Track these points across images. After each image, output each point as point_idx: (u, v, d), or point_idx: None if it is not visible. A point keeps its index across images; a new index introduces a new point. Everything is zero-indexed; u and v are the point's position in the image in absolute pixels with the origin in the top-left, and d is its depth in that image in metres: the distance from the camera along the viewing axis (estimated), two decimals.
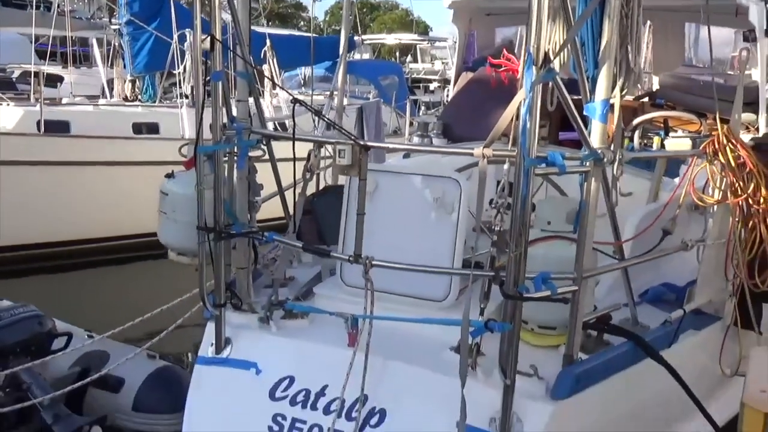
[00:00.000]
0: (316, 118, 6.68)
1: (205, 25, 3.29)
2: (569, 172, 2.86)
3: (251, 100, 3.87)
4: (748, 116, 7.04)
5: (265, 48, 13.08)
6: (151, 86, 13.21)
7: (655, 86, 8.06)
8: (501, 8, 7.81)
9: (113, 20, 14.75)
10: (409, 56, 35.87)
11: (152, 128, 11.74)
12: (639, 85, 3.87)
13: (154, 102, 12.94)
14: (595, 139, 2.99)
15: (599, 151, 2.95)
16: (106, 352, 5.17)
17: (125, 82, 13.29)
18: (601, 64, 2.95)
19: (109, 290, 9.09)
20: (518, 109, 2.71)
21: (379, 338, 3.24)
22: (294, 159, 3.33)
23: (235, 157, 3.61)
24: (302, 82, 16.84)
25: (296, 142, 3.45)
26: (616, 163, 3.05)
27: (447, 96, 14.53)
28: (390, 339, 3.34)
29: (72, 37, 15.26)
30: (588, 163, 2.94)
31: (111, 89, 13.68)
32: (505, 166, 3.44)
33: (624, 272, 3.61)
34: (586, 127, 2.99)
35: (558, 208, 3.45)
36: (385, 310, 3.39)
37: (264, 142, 3.61)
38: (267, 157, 3.93)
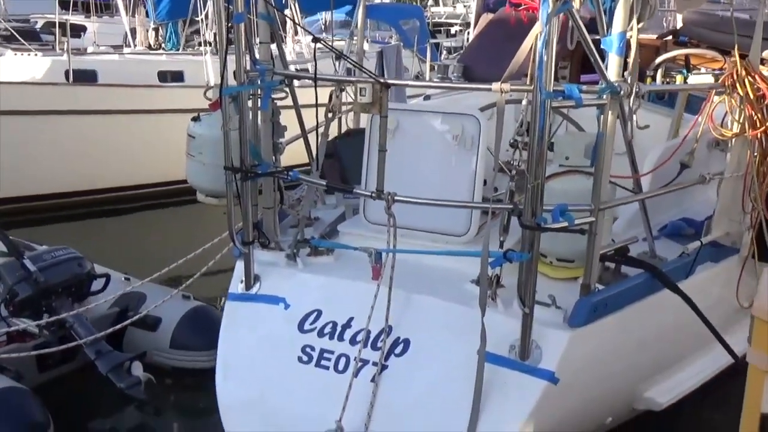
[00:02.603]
0: (337, 62, 6.73)
1: None
2: (586, 104, 2.92)
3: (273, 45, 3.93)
4: None
5: None
6: (174, 34, 13.27)
7: (679, 24, 7.95)
8: None
9: None
10: (431, 0, 35.28)
11: (177, 76, 11.84)
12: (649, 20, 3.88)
13: (178, 50, 13.00)
14: (612, 72, 3.03)
15: (616, 84, 2.99)
16: (142, 293, 5.38)
17: (148, 30, 13.35)
18: None
19: (141, 236, 9.32)
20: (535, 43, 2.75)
21: (402, 272, 3.36)
22: (317, 103, 3.40)
23: (259, 99, 3.70)
24: (323, 27, 16.74)
25: (318, 87, 3.53)
26: (632, 96, 3.08)
27: (468, 39, 14.35)
28: (412, 272, 3.46)
29: None
30: (605, 96, 2.99)
31: (134, 38, 13.76)
32: (523, 103, 3.50)
33: (642, 205, 3.68)
34: (603, 62, 3.03)
35: (576, 143, 3.51)
36: (408, 245, 3.51)
37: (286, 83, 3.69)
38: (290, 101, 4.02)
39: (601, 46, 3.08)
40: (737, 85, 3.63)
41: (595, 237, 3.14)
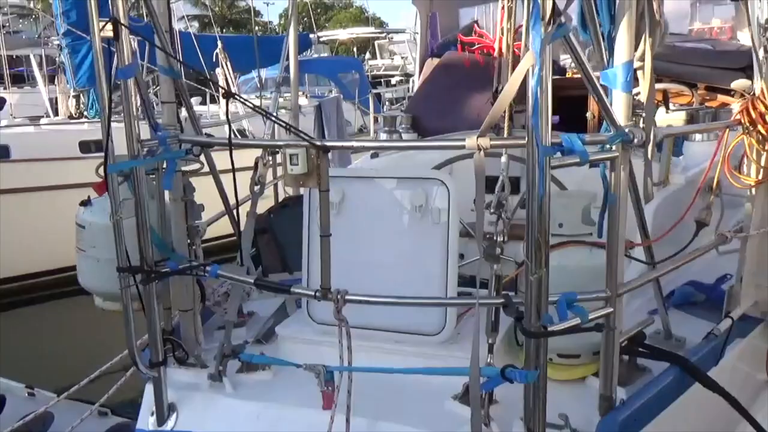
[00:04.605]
0: (269, 122, 5.91)
1: (104, 5, 2.53)
2: (594, 160, 2.17)
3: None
4: (742, 82, 6.47)
5: (217, 50, 12.33)
6: (97, 101, 12.35)
7: None
8: None
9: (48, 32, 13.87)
10: (368, 53, 35.28)
11: (101, 146, 10.88)
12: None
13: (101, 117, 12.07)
14: (620, 115, 2.31)
15: (627, 131, 2.26)
16: (49, 413, 4.42)
17: (69, 98, 12.43)
18: (620, 14, 2.25)
19: (56, 333, 8.23)
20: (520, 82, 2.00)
21: (361, 389, 2.52)
22: (234, 175, 2.58)
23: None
24: (258, 85, 16.05)
25: (243, 151, 2.72)
26: (650, 145, 2.36)
27: (411, 89, 13.80)
28: (375, 389, 2.62)
29: (12, 56, 14.36)
30: (615, 147, 2.25)
31: (55, 108, 12.83)
32: (503, 160, 2.76)
33: (657, 280, 2.95)
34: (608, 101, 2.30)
35: (571, 206, 2.77)
36: (365, 350, 2.70)
37: (195, 153, 2.86)
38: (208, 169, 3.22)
39: (601, 82, 2.35)
40: (757, 122, 2.95)
41: (615, 333, 2.36)
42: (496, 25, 4.40)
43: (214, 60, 12.37)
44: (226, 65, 12.03)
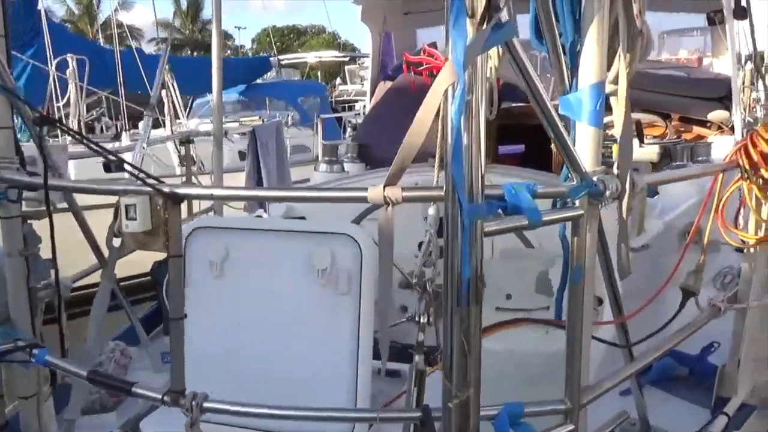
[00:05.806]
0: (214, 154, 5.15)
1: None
2: (549, 222, 1.51)
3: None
4: (720, 113, 5.91)
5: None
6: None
7: None
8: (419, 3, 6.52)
9: None
10: (338, 79, 35.02)
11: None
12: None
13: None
14: (586, 158, 1.65)
15: (595, 179, 1.60)
16: None
17: None
18: (587, 18, 1.61)
19: None
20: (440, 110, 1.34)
21: None
22: (51, 225, 1.89)
23: None
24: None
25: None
26: (626, 198, 1.70)
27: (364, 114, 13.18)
28: None
29: None
30: (579, 201, 1.59)
31: None
32: (430, 212, 2.09)
33: (629, 357, 2.29)
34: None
35: (522, 270, 2.12)
36: None
37: (11, 197, 2.15)
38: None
39: (560, 111, 1.70)
40: (761, 165, 2.30)
41: None
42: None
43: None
44: (173, 87, 11.26)
